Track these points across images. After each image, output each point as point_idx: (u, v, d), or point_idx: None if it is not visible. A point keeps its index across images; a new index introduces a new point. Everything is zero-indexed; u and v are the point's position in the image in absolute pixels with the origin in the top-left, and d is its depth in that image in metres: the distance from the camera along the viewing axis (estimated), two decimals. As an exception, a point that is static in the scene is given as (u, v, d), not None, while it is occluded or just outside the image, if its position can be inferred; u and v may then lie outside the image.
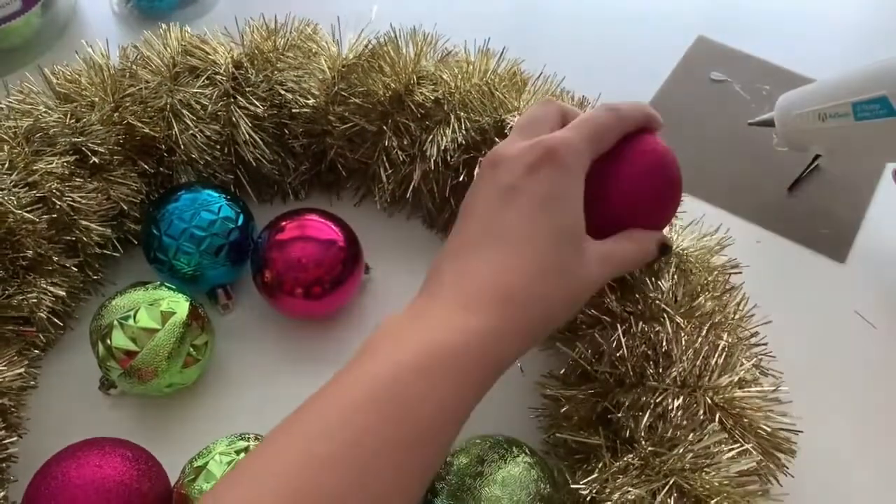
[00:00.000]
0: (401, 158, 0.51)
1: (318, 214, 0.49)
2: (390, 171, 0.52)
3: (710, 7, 0.72)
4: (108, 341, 0.43)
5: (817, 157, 0.55)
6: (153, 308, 0.44)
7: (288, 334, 0.50)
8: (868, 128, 0.43)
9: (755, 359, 0.43)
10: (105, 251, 0.51)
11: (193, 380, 0.46)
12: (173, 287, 0.46)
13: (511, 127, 0.48)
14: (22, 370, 0.46)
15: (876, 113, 0.42)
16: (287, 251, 0.47)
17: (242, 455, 0.39)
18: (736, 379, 0.40)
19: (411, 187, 0.52)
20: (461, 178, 0.50)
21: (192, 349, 0.45)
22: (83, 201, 0.48)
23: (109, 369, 0.44)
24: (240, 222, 0.50)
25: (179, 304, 0.44)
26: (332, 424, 0.29)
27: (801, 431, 0.41)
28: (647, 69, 0.66)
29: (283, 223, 0.48)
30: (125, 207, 0.50)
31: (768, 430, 0.40)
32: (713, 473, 0.36)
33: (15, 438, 0.45)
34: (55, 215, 0.47)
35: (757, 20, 0.71)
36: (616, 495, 0.36)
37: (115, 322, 0.43)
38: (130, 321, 0.43)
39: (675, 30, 0.69)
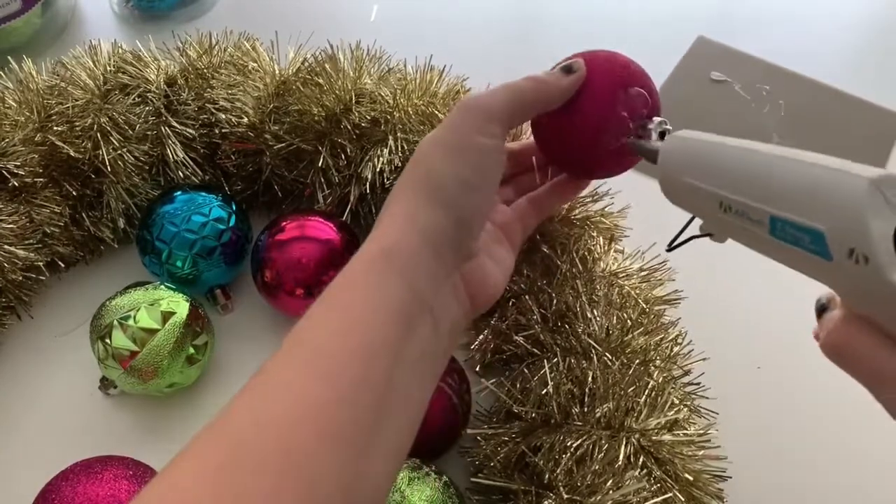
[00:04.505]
0: (336, 180, 0.49)
1: (318, 215, 0.49)
2: (327, 192, 0.50)
3: (710, 7, 0.72)
4: (108, 341, 0.43)
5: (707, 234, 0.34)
6: (153, 308, 0.44)
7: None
8: (785, 251, 0.28)
9: (687, 398, 0.40)
10: (30, 275, 0.49)
11: (193, 380, 0.46)
12: (173, 287, 0.46)
13: None
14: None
15: (803, 244, 0.27)
16: (287, 251, 0.47)
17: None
18: (663, 420, 0.37)
19: (348, 209, 0.49)
20: None
21: (192, 349, 0.45)
22: (3, 225, 0.46)
23: (109, 369, 0.44)
24: (232, 223, 0.49)
25: (179, 304, 0.44)
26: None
27: (730, 477, 0.38)
28: (647, 69, 0.65)
29: (284, 223, 0.48)
30: (48, 230, 0.49)
31: (693, 476, 0.37)
32: None
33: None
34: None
35: (757, 20, 0.71)
36: None
37: (116, 322, 0.43)
38: (130, 321, 0.43)
39: (675, 30, 0.69)
